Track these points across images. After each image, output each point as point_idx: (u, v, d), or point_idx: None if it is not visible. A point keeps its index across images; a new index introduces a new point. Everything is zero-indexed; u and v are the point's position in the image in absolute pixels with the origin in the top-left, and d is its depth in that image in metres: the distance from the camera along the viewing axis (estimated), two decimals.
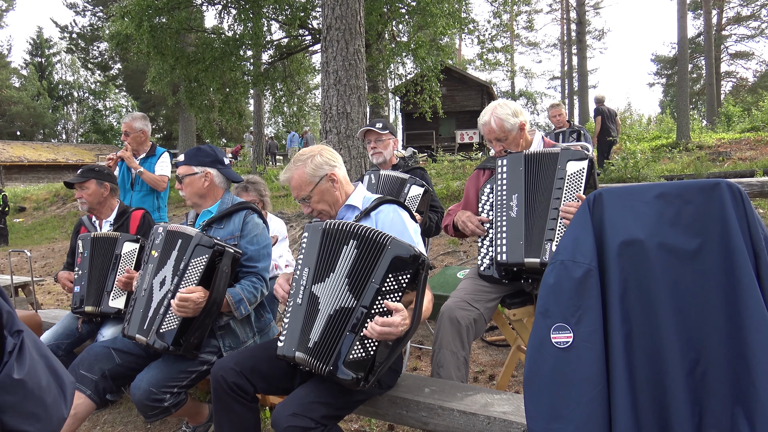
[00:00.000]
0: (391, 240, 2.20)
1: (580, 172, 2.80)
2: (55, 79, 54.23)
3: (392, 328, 2.09)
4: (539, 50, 50.18)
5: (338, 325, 2.23)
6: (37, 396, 1.43)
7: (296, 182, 2.57)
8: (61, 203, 23.74)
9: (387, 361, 2.23)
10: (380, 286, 2.17)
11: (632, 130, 22.43)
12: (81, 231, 3.91)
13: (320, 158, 2.58)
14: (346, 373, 2.17)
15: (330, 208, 2.60)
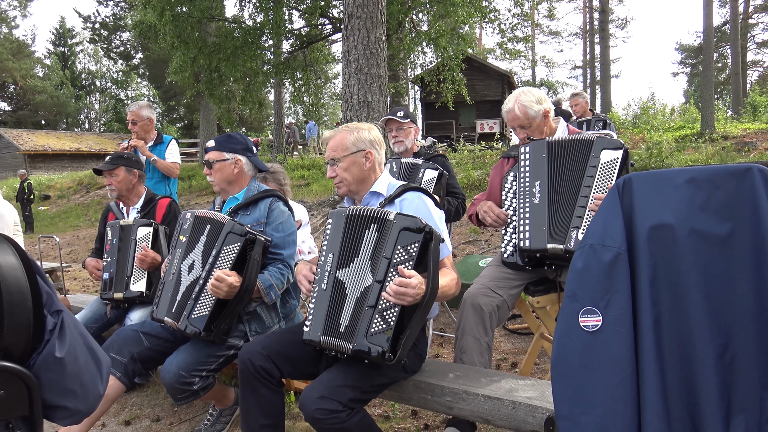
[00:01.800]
0: (396, 215, 2.30)
1: (614, 161, 2.78)
2: (78, 69, 54.85)
3: (407, 288, 2.14)
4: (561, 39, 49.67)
5: (361, 305, 2.29)
6: (76, 373, 1.48)
7: (335, 143, 2.62)
8: (85, 191, 24.08)
9: (410, 334, 2.25)
10: (391, 258, 2.26)
11: (655, 120, 22.14)
12: (109, 217, 3.98)
13: (367, 134, 2.63)
14: (368, 346, 2.21)
15: (352, 181, 2.62)
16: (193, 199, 16.87)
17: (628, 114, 31.72)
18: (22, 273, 1.40)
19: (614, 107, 29.34)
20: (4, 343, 1.36)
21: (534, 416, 2.21)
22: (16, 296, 1.37)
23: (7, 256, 1.40)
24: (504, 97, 29.99)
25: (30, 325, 1.40)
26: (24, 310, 1.39)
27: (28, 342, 1.41)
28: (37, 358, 1.42)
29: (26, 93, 45.85)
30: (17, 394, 1.38)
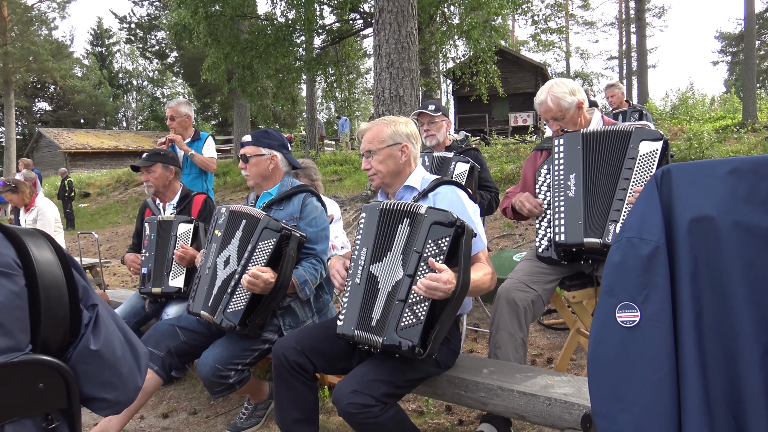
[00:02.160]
0: (427, 209, 2.29)
1: (653, 153, 2.71)
2: (115, 68, 55.98)
3: (438, 283, 2.13)
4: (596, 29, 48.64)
5: (392, 299, 2.28)
6: (113, 365, 1.50)
7: (371, 135, 2.62)
8: (123, 189, 24.59)
9: (441, 329, 2.23)
10: (422, 252, 2.25)
11: (695, 111, 21.60)
12: (146, 213, 4.05)
13: (404, 128, 2.63)
14: (398, 340, 2.21)
15: (387, 174, 2.62)
16: (227, 195, 17.08)
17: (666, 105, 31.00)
18: (59, 268, 1.43)
19: (651, 98, 28.70)
20: (41, 337, 1.39)
21: (570, 413, 2.18)
22: (53, 291, 1.40)
23: (44, 251, 1.42)
24: (537, 90, 29.61)
25: (66, 319, 1.43)
26: (60, 304, 1.41)
27: (64, 336, 1.43)
28: (74, 352, 1.45)
29: (66, 93, 46.94)
30: (55, 387, 1.41)
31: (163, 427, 3.41)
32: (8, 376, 1.31)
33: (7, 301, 1.31)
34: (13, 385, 1.33)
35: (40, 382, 1.38)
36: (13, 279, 1.34)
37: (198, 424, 3.41)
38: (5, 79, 34.57)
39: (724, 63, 45.79)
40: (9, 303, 1.32)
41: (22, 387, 1.34)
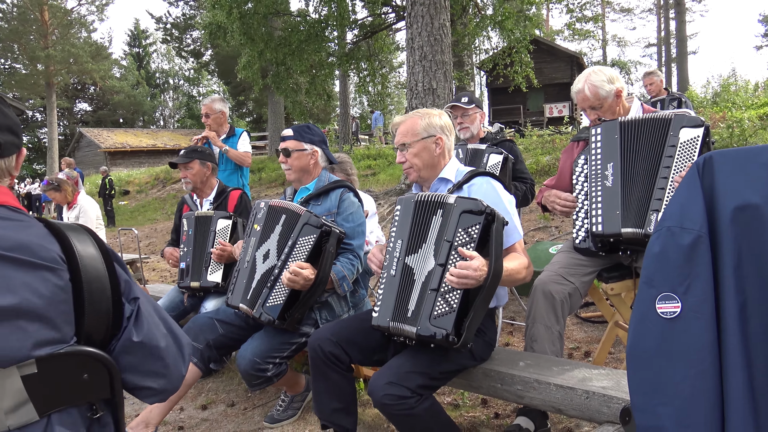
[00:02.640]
0: (456, 198, 2.31)
1: (694, 140, 2.64)
2: (152, 68, 57.06)
3: (469, 271, 2.13)
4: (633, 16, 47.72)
5: (426, 289, 2.28)
6: (157, 355, 1.53)
7: (405, 128, 2.62)
8: (161, 186, 25.07)
9: (474, 317, 2.22)
10: (452, 241, 2.26)
11: (738, 97, 20.95)
12: (184, 209, 4.12)
13: (438, 120, 2.62)
14: (432, 330, 2.21)
15: (422, 167, 2.61)
16: (263, 191, 17.26)
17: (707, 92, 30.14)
18: (101, 262, 1.46)
19: (692, 85, 27.93)
20: (85, 330, 1.43)
21: (609, 406, 2.15)
22: (96, 285, 1.43)
23: (87, 246, 1.46)
24: (573, 80, 29.15)
25: (109, 312, 1.46)
26: (103, 298, 1.45)
27: (107, 328, 1.47)
28: (117, 344, 1.48)
29: (105, 93, 48.06)
30: (99, 378, 1.45)
31: (202, 419, 3.47)
32: (54, 367, 1.35)
33: (53, 295, 1.35)
34: (59, 375, 1.37)
35: (85, 373, 1.42)
36: (58, 273, 1.37)
37: (236, 416, 3.47)
38: (47, 81, 35.54)
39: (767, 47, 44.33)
40: (54, 297, 1.35)
41: (67, 377, 1.38)
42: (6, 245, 1.33)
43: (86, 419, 1.45)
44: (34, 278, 1.33)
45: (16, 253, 1.33)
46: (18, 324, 1.30)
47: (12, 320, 1.29)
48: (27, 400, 1.32)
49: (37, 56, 35.16)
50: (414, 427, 2.30)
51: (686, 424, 1.37)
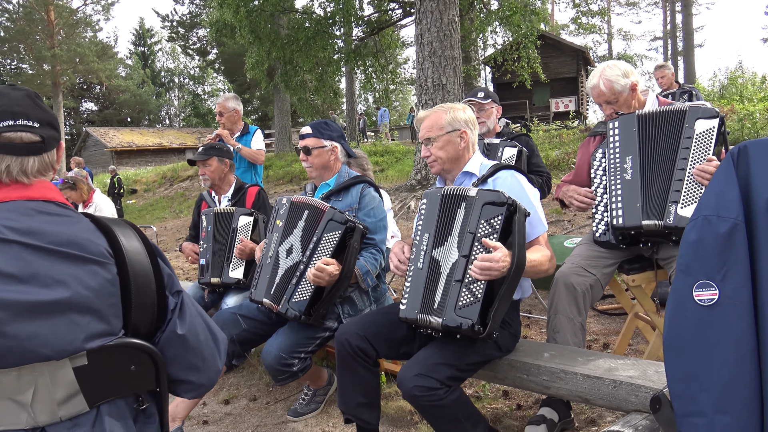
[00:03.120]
0: (478, 191, 2.35)
1: (710, 130, 2.66)
2: (157, 67, 57.20)
3: (492, 263, 2.16)
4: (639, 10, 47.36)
5: (450, 281, 2.32)
6: (197, 349, 1.57)
7: (430, 122, 2.64)
8: (169, 185, 25.13)
9: (499, 307, 2.26)
10: (475, 232, 2.29)
11: (745, 90, 20.85)
12: (202, 206, 4.15)
13: (462, 114, 2.65)
14: (458, 320, 2.24)
15: (446, 160, 2.63)
16: (271, 188, 17.30)
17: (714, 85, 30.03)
18: (146, 256, 1.49)
19: (699, 79, 27.83)
20: (132, 323, 1.46)
21: (636, 395, 2.17)
22: (142, 279, 1.47)
23: (132, 240, 1.49)
24: (579, 74, 29.10)
25: (154, 305, 1.50)
26: (148, 291, 1.48)
27: (152, 321, 1.50)
28: (161, 336, 1.52)
29: (111, 93, 48.21)
30: (146, 370, 1.48)
31: (225, 413, 3.51)
32: (104, 359, 1.39)
33: (102, 288, 1.38)
34: (108, 367, 1.40)
35: (132, 365, 1.45)
36: (107, 267, 1.41)
37: (258, 410, 3.50)
38: (54, 81, 35.69)
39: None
40: (104, 290, 1.39)
41: (116, 369, 1.42)
42: (58, 240, 1.36)
43: (132, 410, 1.49)
44: (84, 272, 1.37)
45: (67, 248, 1.36)
46: (70, 317, 1.33)
47: (65, 313, 1.32)
48: (78, 392, 1.35)
49: (43, 56, 35.31)
50: (442, 417, 2.34)
51: (725, 410, 1.39)
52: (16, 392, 1.29)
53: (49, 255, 1.34)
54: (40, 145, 1.43)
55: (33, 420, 1.30)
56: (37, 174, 1.44)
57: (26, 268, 1.31)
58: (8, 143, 1.38)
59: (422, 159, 9.22)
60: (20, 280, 1.29)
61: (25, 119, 1.41)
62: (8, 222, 1.34)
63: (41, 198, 1.42)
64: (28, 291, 1.29)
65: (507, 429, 2.89)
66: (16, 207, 1.37)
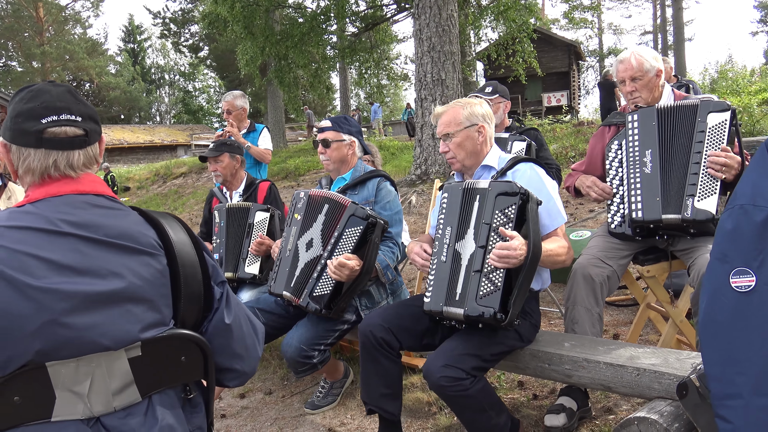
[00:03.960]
0: (490, 182, 2.40)
1: (722, 124, 2.72)
2: (147, 64, 56.86)
3: (510, 251, 2.21)
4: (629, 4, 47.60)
5: (470, 271, 2.37)
6: (241, 338, 1.60)
7: (447, 118, 2.66)
8: (162, 182, 25.01)
9: (519, 294, 2.30)
10: (490, 223, 2.34)
11: (735, 84, 20.99)
12: (213, 202, 4.16)
13: (479, 108, 2.67)
14: (479, 309, 2.29)
15: (465, 156, 2.66)
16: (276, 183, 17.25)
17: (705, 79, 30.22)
18: (192, 248, 1.52)
19: (689, 72, 28.04)
20: (180, 313, 1.48)
21: (660, 382, 2.21)
22: (189, 269, 1.49)
23: (179, 232, 1.52)
24: (571, 69, 29.23)
25: (201, 295, 1.52)
26: (195, 282, 1.51)
27: (199, 311, 1.53)
28: (209, 326, 1.55)
29: (101, 90, 47.92)
30: (195, 360, 1.51)
31: (242, 407, 3.54)
32: (157, 349, 1.41)
33: (154, 279, 1.41)
34: (160, 357, 1.43)
35: (183, 355, 1.48)
36: (157, 258, 1.43)
37: (275, 403, 3.53)
38: (43, 79, 35.31)
39: (763, 33, 44.47)
40: (155, 281, 1.41)
41: (167, 359, 1.45)
42: (111, 233, 1.39)
43: (181, 400, 1.51)
44: (137, 263, 1.39)
45: (120, 240, 1.39)
46: (126, 307, 1.36)
47: (121, 304, 1.35)
48: (132, 382, 1.38)
49: (32, 53, 35.07)
50: (468, 407, 2.37)
51: (763, 392, 1.44)
52: (74, 383, 1.31)
53: (104, 247, 1.36)
54: (84, 138, 1.44)
55: (89, 410, 1.32)
56: (83, 167, 1.46)
57: (83, 260, 1.33)
58: (53, 138, 1.40)
59: (421, 154, 9.30)
60: (78, 272, 1.32)
61: (68, 114, 1.42)
62: (64, 215, 1.36)
63: (92, 192, 1.44)
64: (86, 282, 1.31)
65: (525, 418, 2.93)
66: (70, 201, 1.40)
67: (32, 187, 1.41)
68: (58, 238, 1.33)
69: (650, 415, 2.08)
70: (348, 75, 23.97)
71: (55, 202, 1.38)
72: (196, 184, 19.27)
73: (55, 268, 1.30)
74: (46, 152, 1.39)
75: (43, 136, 1.38)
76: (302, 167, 15.36)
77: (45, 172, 1.40)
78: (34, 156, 1.39)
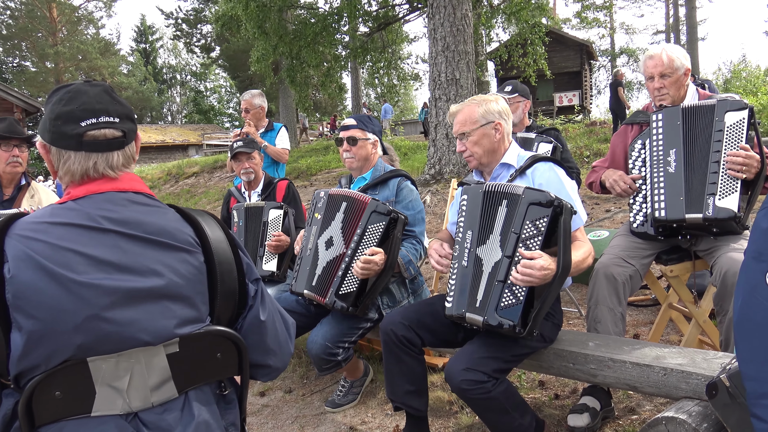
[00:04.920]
0: (524, 189, 2.32)
1: (740, 122, 2.71)
2: (159, 64, 57.18)
3: (532, 270, 2.16)
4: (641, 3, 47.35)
5: (492, 280, 2.34)
6: (275, 334, 1.61)
7: (463, 117, 2.64)
8: (174, 181, 25.13)
9: (541, 308, 2.28)
10: (519, 233, 2.29)
11: (749, 84, 20.87)
12: (231, 202, 4.18)
13: (495, 105, 2.64)
14: (498, 320, 2.27)
15: (483, 154, 2.64)
16: None
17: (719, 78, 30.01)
18: (228, 245, 1.53)
19: (703, 72, 27.84)
20: (216, 310, 1.50)
21: (687, 382, 2.20)
22: (225, 266, 1.51)
23: (215, 230, 1.53)
24: (583, 68, 29.07)
25: (236, 292, 1.54)
26: (231, 279, 1.52)
27: (234, 308, 1.54)
28: (243, 322, 1.56)
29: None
30: (230, 356, 1.52)
31: (262, 405, 3.55)
32: (193, 346, 1.43)
33: (192, 276, 1.42)
34: (197, 354, 1.44)
35: (218, 352, 1.49)
36: (195, 255, 1.45)
37: (295, 402, 3.54)
38: (56, 78, 35.71)
39: None
40: (193, 277, 1.43)
41: (203, 356, 1.46)
42: (151, 230, 1.40)
43: (216, 396, 1.52)
44: (175, 260, 1.41)
45: (159, 236, 1.40)
46: (164, 304, 1.37)
47: (160, 300, 1.36)
48: (169, 378, 1.39)
49: (46, 53, 35.36)
50: (491, 409, 2.37)
51: None
52: (114, 378, 1.33)
53: (144, 243, 1.38)
54: (122, 139, 1.46)
55: (128, 405, 1.34)
56: (122, 167, 1.47)
57: (123, 257, 1.35)
58: (93, 141, 1.41)
59: (435, 154, 9.29)
60: (118, 268, 1.33)
61: (106, 116, 1.43)
62: (105, 212, 1.37)
63: (131, 190, 1.46)
64: (125, 279, 1.33)
65: (547, 418, 2.93)
66: (110, 198, 1.41)
67: (72, 185, 1.43)
68: (99, 234, 1.34)
69: (678, 415, 2.07)
70: (359, 75, 23.97)
71: (96, 199, 1.40)
72: (208, 183, 19.36)
73: (96, 264, 1.31)
74: (86, 155, 1.40)
75: (83, 139, 1.39)
76: (314, 167, 15.40)
77: (85, 173, 1.41)
78: (74, 159, 1.40)
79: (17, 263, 1.26)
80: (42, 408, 1.29)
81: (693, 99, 3.03)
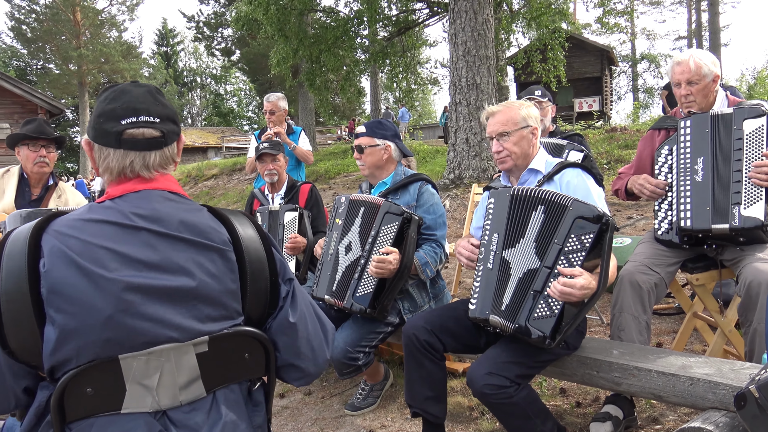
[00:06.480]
0: (572, 201, 2.28)
1: (759, 129, 2.68)
2: (180, 67, 57.75)
3: (573, 289, 2.15)
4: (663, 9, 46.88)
5: (525, 286, 2.33)
6: (307, 338, 1.60)
7: (504, 117, 2.63)
8: (194, 183, 25.34)
9: (573, 322, 2.27)
10: (562, 246, 2.26)
11: None
12: (255, 204, 4.21)
13: (533, 111, 2.68)
14: (529, 330, 2.26)
15: (520, 155, 2.63)
16: None
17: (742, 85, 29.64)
18: (260, 244, 1.54)
19: (726, 78, 27.51)
20: (246, 309, 1.50)
21: (714, 392, 2.17)
22: (256, 265, 1.51)
23: (248, 229, 1.54)
24: (603, 74, 28.84)
25: (267, 292, 1.54)
26: (262, 278, 1.52)
27: (264, 307, 1.55)
28: (273, 323, 1.56)
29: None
30: (258, 358, 1.53)
31: (282, 406, 3.57)
32: (223, 345, 1.44)
33: (223, 275, 1.44)
34: (226, 354, 1.45)
35: (247, 353, 1.50)
36: (227, 254, 1.46)
37: (315, 404, 3.55)
38: (80, 81, 36.20)
39: None
40: (224, 276, 1.44)
41: (232, 356, 1.47)
42: (183, 228, 1.42)
43: (244, 397, 1.53)
44: (207, 259, 1.42)
45: (192, 235, 1.42)
46: (194, 302, 1.39)
47: (189, 298, 1.38)
48: (198, 377, 1.40)
49: (69, 56, 35.85)
50: (512, 414, 2.36)
51: None
52: (144, 376, 1.34)
53: (175, 242, 1.39)
54: (161, 139, 1.47)
55: (157, 403, 1.35)
56: (159, 168, 1.49)
57: (154, 254, 1.36)
58: (131, 139, 1.43)
59: (455, 158, 9.27)
60: (148, 266, 1.35)
61: (146, 115, 1.45)
62: (137, 210, 1.39)
63: (165, 189, 1.47)
64: (156, 276, 1.35)
65: (569, 426, 2.91)
66: (145, 196, 1.43)
67: (111, 184, 1.45)
68: (131, 232, 1.36)
69: (705, 425, 2.05)
70: (378, 79, 24.01)
71: (132, 197, 1.42)
72: (227, 185, 19.49)
73: (127, 261, 1.33)
74: (124, 153, 1.43)
75: (122, 137, 1.42)
76: (333, 170, 15.44)
77: (122, 171, 1.44)
78: (113, 156, 1.43)
79: (52, 259, 1.29)
80: (73, 403, 1.31)
81: (723, 105, 2.98)
